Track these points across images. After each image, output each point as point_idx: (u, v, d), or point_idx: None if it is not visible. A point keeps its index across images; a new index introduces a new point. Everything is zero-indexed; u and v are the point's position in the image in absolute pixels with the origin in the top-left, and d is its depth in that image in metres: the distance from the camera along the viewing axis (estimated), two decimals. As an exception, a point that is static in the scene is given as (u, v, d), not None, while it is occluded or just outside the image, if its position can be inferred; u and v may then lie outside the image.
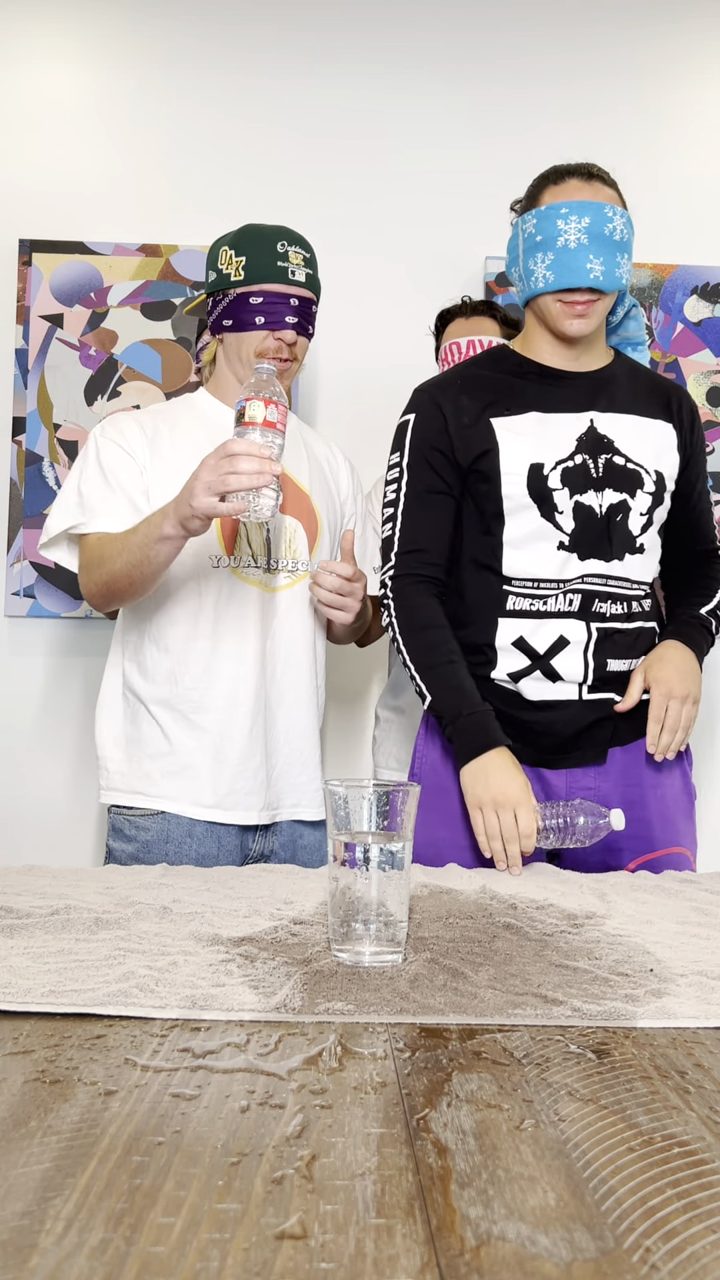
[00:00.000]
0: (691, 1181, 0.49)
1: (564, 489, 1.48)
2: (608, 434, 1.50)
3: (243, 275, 1.58)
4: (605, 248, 1.44)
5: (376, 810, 0.84)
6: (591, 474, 1.49)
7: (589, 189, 1.47)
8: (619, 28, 2.63)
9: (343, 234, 2.59)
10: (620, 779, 1.50)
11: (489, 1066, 0.63)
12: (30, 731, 2.54)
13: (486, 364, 1.58)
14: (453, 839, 1.51)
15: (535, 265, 1.48)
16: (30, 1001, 0.70)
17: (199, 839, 1.55)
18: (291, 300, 1.58)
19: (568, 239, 1.44)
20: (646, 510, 1.49)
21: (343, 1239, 0.43)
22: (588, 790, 1.50)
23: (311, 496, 1.67)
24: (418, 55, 2.62)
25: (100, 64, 2.58)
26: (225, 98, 2.59)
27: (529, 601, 1.48)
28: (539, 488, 1.48)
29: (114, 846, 1.58)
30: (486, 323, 2.07)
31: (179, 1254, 0.42)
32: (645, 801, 1.50)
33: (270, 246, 1.58)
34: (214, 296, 1.64)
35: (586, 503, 1.48)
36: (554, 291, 1.47)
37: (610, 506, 1.48)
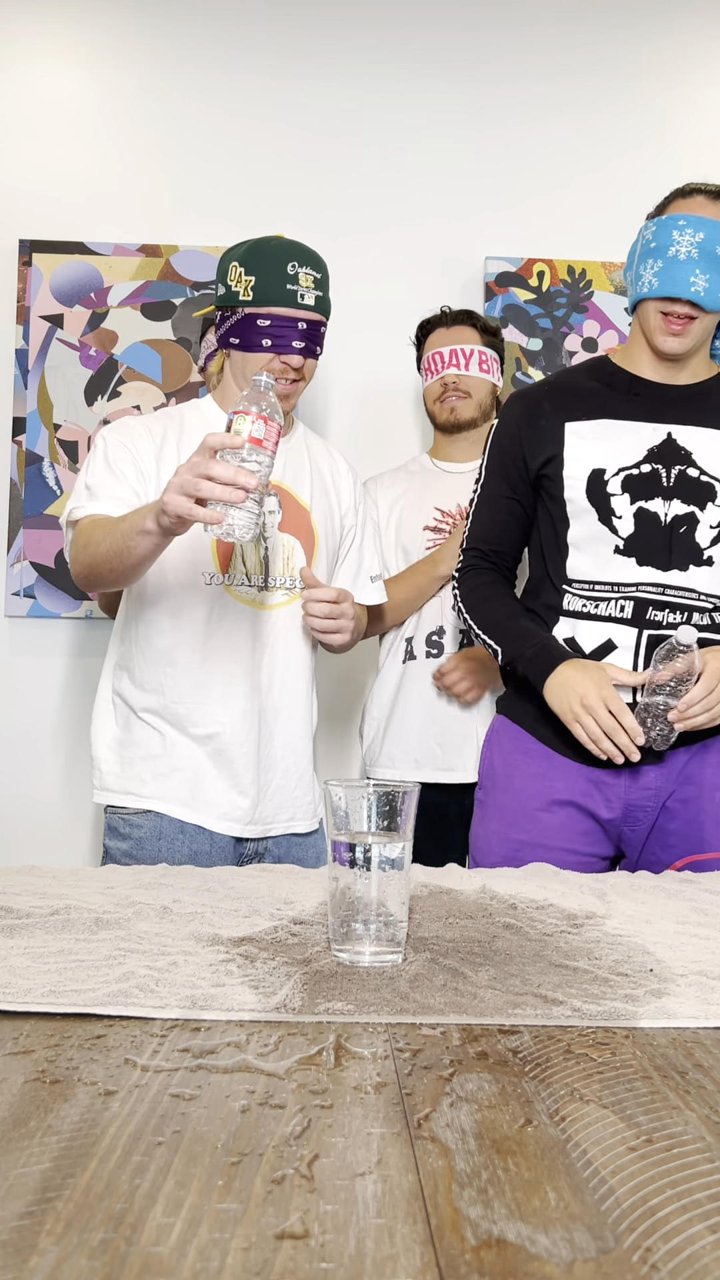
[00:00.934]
0: (691, 1181, 0.49)
1: (624, 495, 1.50)
2: (687, 446, 1.51)
3: (251, 296, 1.55)
4: (713, 265, 1.46)
5: (376, 810, 0.84)
6: (661, 483, 1.50)
7: (712, 207, 1.49)
8: (618, 28, 2.63)
9: (342, 234, 2.59)
10: (679, 778, 1.51)
11: (489, 1066, 0.63)
12: (30, 731, 2.54)
13: (582, 372, 1.63)
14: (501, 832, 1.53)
15: (645, 271, 1.51)
16: (30, 1001, 0.70)
17: (191, 836, 1.56)
18: (300, 324, 1.55)
19: (678, 250, 1.46)
20: (718, 523, 1.49)
21: (343, 1239, 0.43)
22: (647, 790, 1.50)
23: (312, 512, 1.66)
24: (418, 56, 2.62)
25: (100, 64, 2.58)
26: (225, 98, 2.59)
27: (583, 603, 1.52)
28: (598, 493, 1.51)
29: (110, 845, 1.60)
30: (467, 331, 2.10)
31: (179, 1254, 0.42)
32: (701, 803, 1.50)
33: (280, 268, 1.54)
34: (222, 311, 1.61)
35: (651, 510, 1.49)
36: (655, 299, 1.50)
37: (677, 516, 1.49)
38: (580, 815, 1.52)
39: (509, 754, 1.58)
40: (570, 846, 1.51)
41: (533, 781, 1.54)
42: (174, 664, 1.57)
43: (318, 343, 1.59)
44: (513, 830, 1.53)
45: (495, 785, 1.58)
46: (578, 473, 1.52)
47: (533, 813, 1.53)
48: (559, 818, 1.52)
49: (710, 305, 1.47)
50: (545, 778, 1.54)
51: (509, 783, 1.56)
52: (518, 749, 1.57)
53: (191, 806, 1.56)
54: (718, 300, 1.47)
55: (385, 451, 2.50)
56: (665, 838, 1.51)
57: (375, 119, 2.61)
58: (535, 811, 1.53)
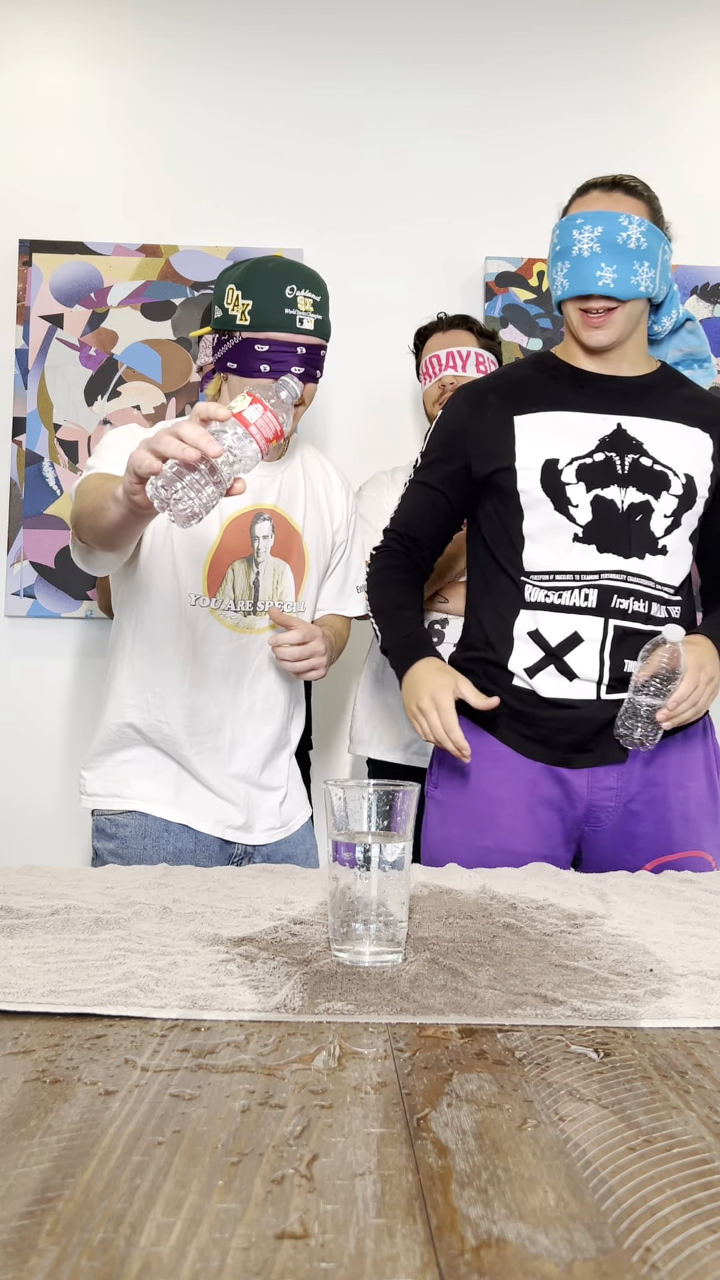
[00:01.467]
0: (691, 1181, 0.49)
1: (580, 483, 1.50)
2: (637, 437, 1.51)
3: (249, 320, 1.51)
4: (619, 255, 1.46)
5: (376, 810, 0.84)
6: (616, 470, 1.49)
7: (607, 199, 1.50)
8: (619, 28, 2.63)
9: (343, 233, 2.59)
10: (642, 778, 1.50)
11: (489, 1066, 0.63)
12: (30, 731, 2.54)
13: (527, 365, 1.63)
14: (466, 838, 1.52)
15: (557, 274, 1.52)
16: (30, 1001, 0.70)
17: (176, 834, 1.57)
18: (299, 349, 1.52)
19: (581, 248, 1.48)
20: (672, 512, 1.49)
21: (343, 1239, 0.43)
22: (609, 790, 1.50)
23: (304, 535, 1.65)
24: (418, 56, 2.62)
25: (100, 64, 2.58)
26: (225, 98, 2.59)
27: (545, 594, 1.50)
28: (553, 482, 1.50)
29: (98, 846, 1.61)
30: (463, 335, 2.13)
31: (179, 1254, 0.42)
32: (668, 802, 1.50)
33: (278, 291, 1.51)
34: (219, 334, 1.58)
35: (608, 497, 1.49)
36: (571, 300, 1.51)
37: (632, 504, 1.49)
38: (549, 818, 1.51)
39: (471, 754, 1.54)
40: (538, 851, 1.49)
41: (497, 786, 1.52)
42: (159, 686, 1.57)
43: (317, 367, 1.56)
44: (479, 837, 1.50)
45: (453, 786, 1.55)
46: (531, 463, 1.51)
47: (500, 819, 1.50)
48: (526, 822, 1.50)
49: (623, 294, 1.47)
50: (510, 781, 1.52)
51: (475, 786, 1.54)
52: (478, 751, 1.54)
53: (176, 805, 1.58)
54: (629, 288, 1.47)
55: (384, 453, 2.50)
56: (633, 841, 1.50)
57: (375, 119, 2.61)
58: (502, 818, 1.50)
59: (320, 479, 1.72)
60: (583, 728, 1.48)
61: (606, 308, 1.49)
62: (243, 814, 1.61)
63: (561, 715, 1.49)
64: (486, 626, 1.57)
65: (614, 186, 1.51)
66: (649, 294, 1.49)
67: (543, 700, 1.50)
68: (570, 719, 1.49)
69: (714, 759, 1.57)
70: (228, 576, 1.58)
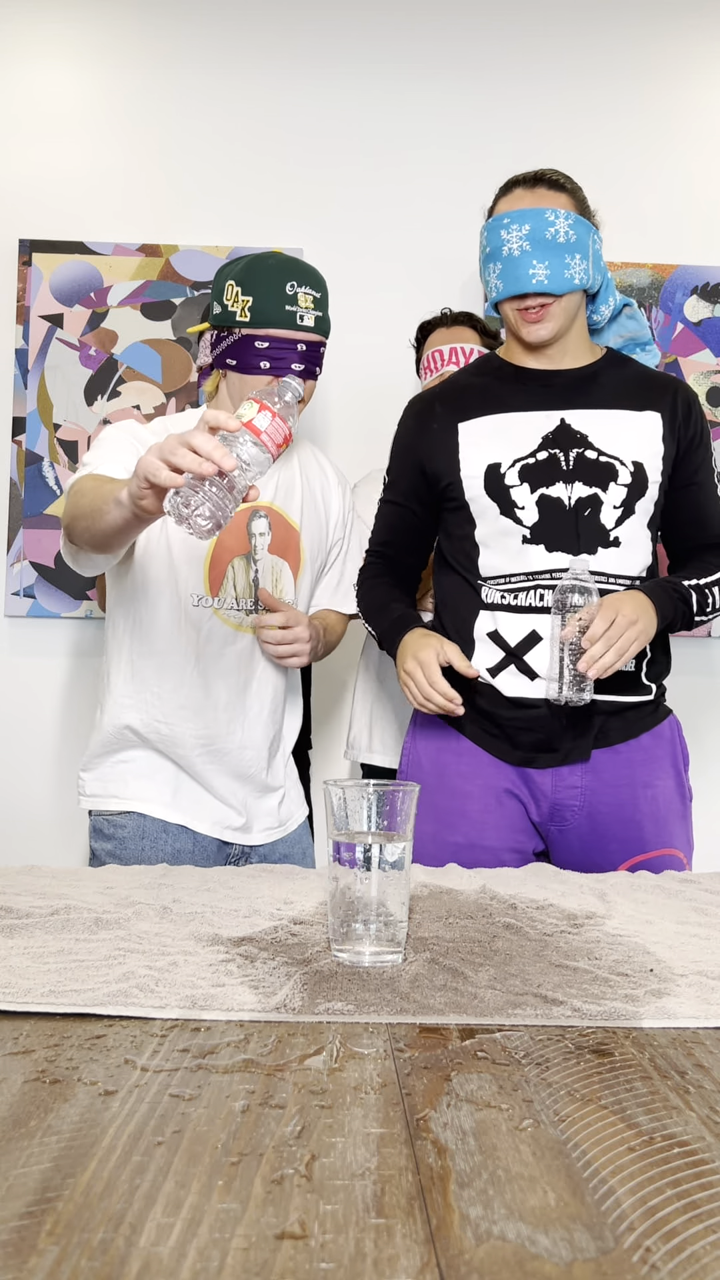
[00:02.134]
0: (691, 1181, 0.49)
1: (523, 485, 1.50)
2: (581, 429, 1.51)
3: (249, 317, 1.51)
4: (548, 251, 1.47)
5: (376, 810, 0.84)
6: (561, 467, 1.49)
7: (531, 196, 1.51)
8: (618, 28, 2.63)
9: (343, 234, 2.59)
10: (609, 779, 1.50)
11: (489, 1066, 0.63)
12: (30, 731, 2.54)
13: (471, 371, 1.64)
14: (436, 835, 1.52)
15: (490, 276, 1.53)
16: (30, 1001, 0.70)
17: (174, 835, 1.57)
18: (299, 346, 1.52)
19: (510, 248, 1.48)
20: (621, 502, 1.49)
21: (343, 1239, 0.43)
22: (573, 789, 1.50)
23: (302, 534, 1.65)
24: (417, 57, 2.62)
25: (100, 64, 2.58)
26: (225, 98, 2.59)
27: (501, 595, 1.51)
28: (495, 486, 1.51)
29: (95, 846, 1.61)
30: (466, 332, 2.13)
31: (179, 1254, 0.42)
32: (636, 802, 1.49)
33: (279, 288, 1.50)
34: (218, 330, 1.57)
35: (554, 495, 1.49)
36: (507, 300, 1.52)
37: (580, 500, 1.48)
38: (516, 810, 1.52)
39: (436, 752, 1.56)
40: (508, 845, 1.50)
41: (464, 780, 1.53)
42: (158, 686, 1.57)
43: (317, 363, 1.56)
44: (449, 833, 1.51)
45: (425, 785, 1.55)
46: (474, 471, 1.52)
47: (469, 813, 1.51)
48: (494, 815, 1.51)
49: (557, 289, 1.48)
50: (476, 776, 1.52)
51: (440, 782, 1.54)
52: (445, 747, 1.55)
53: (174, 806, 1.57)
54: (564, 282, 1.48)
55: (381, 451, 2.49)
56: (604, 844, 1.50)
57: (376, 119, 2.61)
58: (471, 812, 1.51)
59: (317, 477, 1.72)
60: (545, 727, 1.49)
61: (542, 303, 1.49)
62: (241, 816, 1.61)
63: (524, 715, 1.50)
64: (449, 629, 1.58)
65: (537, 182, 1.52)
66: (583, 285, 1.50)
67: (506, 700, 1.50)
68: (532, 718, 1.49)
69: (681, 757, 1.56)
70: (228, 575, 1.58)
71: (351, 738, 2.16)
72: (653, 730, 1.53)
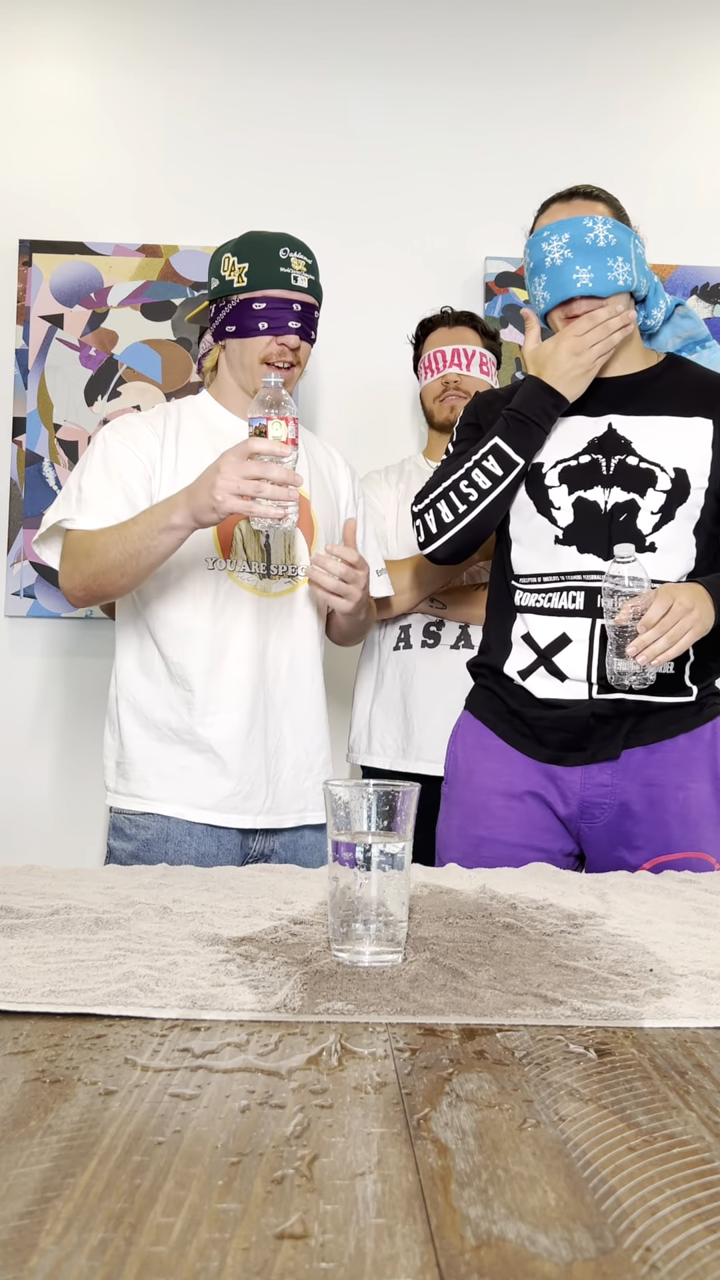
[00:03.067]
0: (691, 1181, 0.49)
1: (561, 486, 1.52)
2: (626, 435, 1.53)
3: (246, 281, 1.58)
4: (590, 255, 1.49)
5: (377, 810, 0.84)
6: (601, 471, 1.51)
7: (568, 208, 1.54)
8: (618, 28, 2.63)
9: (343, 233, 2.59)
10: (639, 778, 1.50)
11: (489, 1066, 0.63)
12: (30, 731, 2.54)
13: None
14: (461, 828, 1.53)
15: (537, 290, 1.55)
16: (30, 1001, 0.70)
17: (199, 838, 1.55)
18: (294, 305, 1.58)
19: (553, 257, 1.51)
20: (660, 508, 1.49)
21: (343, 1239, 0.43)
22: (602, 787, 1.50)
23: (312, 503, 1.67)
24: (418, 57, 2.62)
25: (100, 64, 2.58)
26: (225, 98, 2.59)
27: (534, 598, 1.53)
28: (535, 484, 1.54)
29: (114, 845, 1.59)
30: (468, 332, 2.12)
31: (179, 1254, 0.42)
32: (666, 803, 1.49)
33: (273, 253, 1.58)
34: (217, 303, 1.64)
35: (591, 498, 1.51)
36: (556, 308, 1.54)
37: (617, 504, 1.50)
38: (539, 809, 1.52)
39: (470, 749, 1.59)
40: (530, 842, 1.51)
41: (490, 777, 1.55)
42: (185, 656, 1.56)
43: (312, 326, 1.62)
44: (472, 826, 1.54)
45: (458, 780, 1.59)
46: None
47: (491, 808, 1.53)
48: (517, 812, 1.52)
49: (602, 291, 1.49)
50: (503, 773, 1.55)
51: (469, 778, 1.58)
52: (478, 745, 1.58)
53: (197, 805, 1.55)
54: (608, 284, 1.50)
55: (381, 451, 2.49)
56: (631, 840, 1.50)
57: (376, 119, 2.61)
58: (494, 807, 1.53)
59: (323, 458, 1.76)
60: (573, 726, 1.49)
61: (590, 308, 1.51)
62: (271, 795, 1.58)
63: (552, 714, 1.51)
64: (490, 631, 1.62)
65: (572, 195, 1.56)
66: (628, 288, 1.51)
67: (536, 700, 1.52)
68: (561, 718, 1.50)
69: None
70: (235, 537, 1.60)
71: (352, 740, 2.15)
72: (692, 732, 1.52)
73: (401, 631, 2.08)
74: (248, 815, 1.57)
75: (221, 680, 1.56)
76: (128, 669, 1.61)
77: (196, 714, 1.56)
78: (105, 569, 1.43)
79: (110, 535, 1.43)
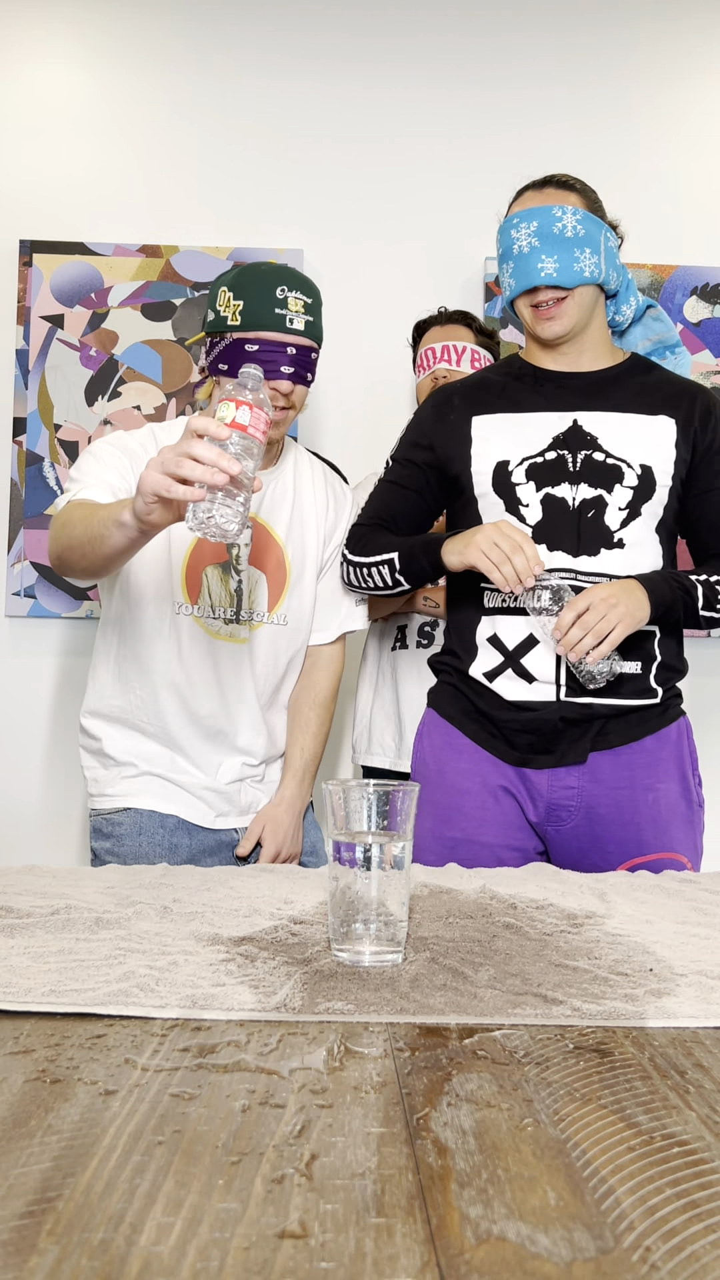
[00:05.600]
0: (691, 1181, 0.49)
1: (529, 482, 1.51)
2: (592, 432, 1.52)
3: (240, 320, 1.51)
4: (557, 245, 1.48)
5: (376, 810, 0.84)
6: (568, 468, 1.50)
7: (540, 196, 1.53)
8: (617, 28, 2.63)
9: (342, 233, 2.59)
10: (607, 782, 1.49)
11: (489, 1066, 0.63)
12: (30, 731, 2.54)
13: (494, 369, 1.65)
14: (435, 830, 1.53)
15: (504, 276, 1.55)
16: (30, 1001, 0.70)
17: (171, 830, 1.57)
18: (289, 349, 1.51)
19: (520, 245, 1.50)
20: (627, 504, 1.49)
21: (343, 1239, 0.43)
22: (569, 790, 1.49)
23: (286, 548, 1.64)
24: (417, 57, 2.62)
25: (100, 64, 2.58)
26: (225, 98, 2.59)
27: (501, 598, 1.52)
28: (503, 482, 1.52)
29: (95, 846, 1.62)
30: (461, 330, 2.14)
31: (179, 1254, 0.42)
32: (636, 805, 1.49)
33: (269, 291, 1.51)
34: (211, 337, 1.58)
35: (559, 495, 1.50)
36: (520, 296, 1.53)
37: (585, 500, 1.49)
38: (513, 808, 1.52)
39: (439, 749, 1.57)
40: (505, 842, 1.50)
41: (463, 777, 1.54)
42: (143, 693, 1.58)
43: (308, 369, 1.54)
44: (447, 828, 1.52)
45: (428, 781, 1.57)
46: (483, 467, 1.54)
47: (466, 808, 1.52)
48: (492, 811, 1.51)
49: (567, 282, 1.49)
50: (474, 772, 1.53)
51: (440, 779, 1.55)
52: (447, 744, 1.56)
53: (166, 799, 1.58)
54: (573, 275, 1.49)
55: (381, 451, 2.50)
56: (603, 845, 1.50)
57: (375, 120, 2.61)
58: (468, 807, 1.52)
59: (309, 492, 1.69)
60: (541, 729, 1.49)
61: (555, 298, 1.51)
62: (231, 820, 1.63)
63: (521, 716, 1.50)
64: (455, 632, 1.60)
65: (545, 184, 1.55)
66: (595, 279, 1.50)
67: (504, 702, 1.51)
68: (529, 720, 1.49)
69: (690, 760, 1.55)
70: (203, 582, 1.57)
71: (354, 740, 2.16)
72: (658, 733, 1.52)
73: (398, 632, 2.09)
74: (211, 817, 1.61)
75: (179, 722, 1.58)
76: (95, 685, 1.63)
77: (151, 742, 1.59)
78: (70, 545, 1.37)
79: (85, 511, 1.38)
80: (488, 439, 1.55)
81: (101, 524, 1.29)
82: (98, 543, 1.30)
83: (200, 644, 1.57)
